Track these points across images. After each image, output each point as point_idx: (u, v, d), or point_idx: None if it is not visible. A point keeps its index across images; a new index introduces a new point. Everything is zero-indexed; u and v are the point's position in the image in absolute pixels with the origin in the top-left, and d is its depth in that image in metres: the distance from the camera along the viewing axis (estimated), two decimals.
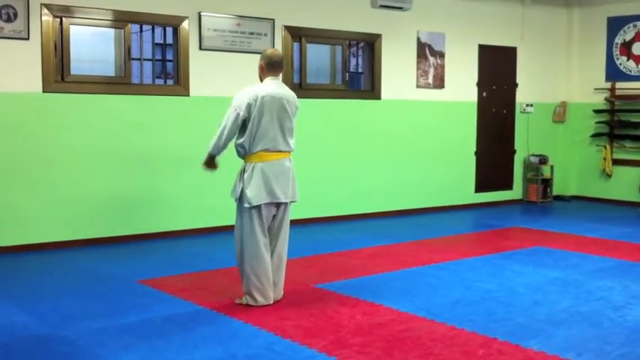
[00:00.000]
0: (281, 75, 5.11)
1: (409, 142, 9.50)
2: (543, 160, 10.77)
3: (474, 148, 10.30)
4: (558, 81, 11.20)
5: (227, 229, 7.86)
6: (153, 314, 4.80)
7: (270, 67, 5.00)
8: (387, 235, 7.91)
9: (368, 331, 4.43)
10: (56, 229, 7.01)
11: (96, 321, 4.63)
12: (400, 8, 9.11)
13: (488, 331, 4.41)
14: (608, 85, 10.70)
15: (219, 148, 4.98)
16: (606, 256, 6.80)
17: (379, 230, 8.27)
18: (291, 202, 5.09)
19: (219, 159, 5.13)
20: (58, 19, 6.94)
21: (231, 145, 5.02)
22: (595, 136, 10.85)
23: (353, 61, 9.61)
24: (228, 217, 7.98)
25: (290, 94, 5.03)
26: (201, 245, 7.28)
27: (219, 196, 7.81)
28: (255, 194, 4.83)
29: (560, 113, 11.20)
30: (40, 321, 4.67)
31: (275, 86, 4.96)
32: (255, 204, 4.84)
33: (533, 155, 10.80)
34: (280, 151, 4.93)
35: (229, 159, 5.24)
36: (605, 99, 10.73)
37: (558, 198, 11.10)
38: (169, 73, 8.54)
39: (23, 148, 6.81)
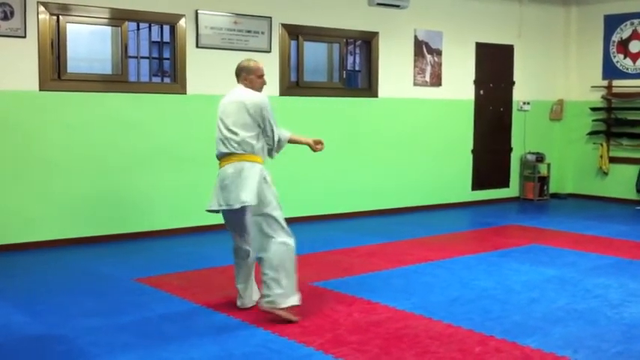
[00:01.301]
0: (242, 83, 4.89)
1: (406, 140, 9.51)
2: (540, 157, 10.78)
3: (470, 146, 10.30)
4: (555, 79, 11.21)
5: (223, 227, 7.86)
6: (150, 313, 4.80)
7: (235, 76, 4.99)
8: (383, 233, 7.91)
9: (365, 328, 4.44)
10: (52, 227, 7.00)
11: (92, 320, 4.63)
12: (397, 6, 9.10)
13: (485, 329, 4.42)
14: (605, 83, 10.71)
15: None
16: (603, 253, 6.81)
17: (376, 228, 8.27)
18: (231, 207, 4.74)
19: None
20: (55, 17, 6.93)
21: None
22: (592, 133, 10.86)
23: (350, 59, 9.60)
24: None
25: (247, 96, 4.76)
26: (198, 244, 7.28)
27: None
28: (208, 201, 4.91)
29: (557, 111, 11.21)
30: (37, 320, 4.67)
31: (233, 92, 4.86)
32: (206, 209, 4.94)
33: (530, 153, 10.81)
34: (226, 155, 4.76)
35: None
36: (602, 97, 10.74)
37: (555, 196, 11.11)
38: (166, 71, 8.53)
39: (19, 146, 6.80)
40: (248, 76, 4.86)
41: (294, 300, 4.64)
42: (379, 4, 8.95)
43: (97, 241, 7.19)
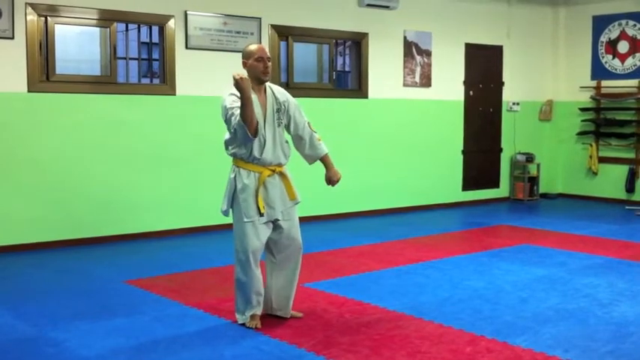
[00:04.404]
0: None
1: (396, 140, 9.52)
2: (530, 158, 10.82)
3: (460, 147, 10.32)
4: (544, 79, 11.25)
5: (213, 229, 7.86)
6: (140, 315, 4.78)
7: None
8: (374, 233, 7.92)
9: (356, 329, 4.43)
10: (42, 229, 6.96)
11: (83, 322, 4.61)
12: (387, 7, 9.11)
13: (476, 329, 4.43)
14: (594, 83, 10.75)
15: None
16: (593, 253, 6.84)
17: (366, 229, 8.27)
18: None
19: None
20: (43, 18, 6.89)
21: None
22: (581, 134, 10.90)
23: (340, 60, 9.61)
24: (215, 217, 7.95)
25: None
26: (188, 245, 7.26)
27: (206, 195, 7.81)
28: None
29: (546, 111, 11.25)
30: (27, 322, 4.64)
31: None
32: None
33: (519, 153, 10.85)
34: None
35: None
36: (591, 97, 10.78)
37: (545, 196, 11.15)
38: (155, 72, 8.50)
39: (8, 148, 6.76)
40: (247, 62, 4.45)
41: (239, 318, 4.56)
42: (369, 5, 8.95)
43: (87, 243, 7.16)
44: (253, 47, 4.52)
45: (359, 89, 9.22)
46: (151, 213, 7.60)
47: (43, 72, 6.93)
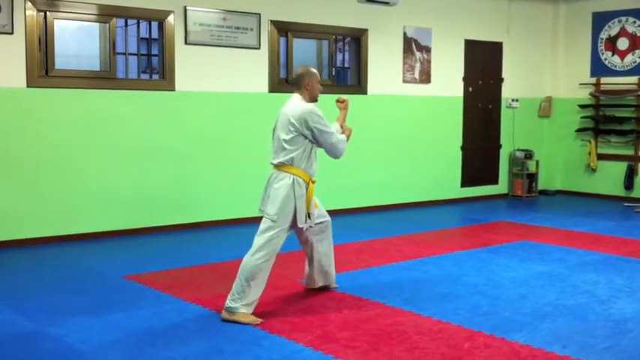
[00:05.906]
0: (299, 92, 4.99)
1: (395, 137, 9.51)
2: (529, 154, 10.82)
3: (460, 143, 10.32)
4: (544, 76, 11.25)
5: (212, 225, 7.87)
6: (138, 310, 4.79)
7: (294, 84, 5.04)
8: (373, 229, 7.92)
9: (354, 325, 4.44)
10: (41, 224, 6.96)
11: (81, 317, 4.61)
12: (387, 3, 9.10)
13: (474, 325, 4.43)
14: (593, 80, 10.75)
15: None
16: (591, 249, 6.84)
17: (365, 225, 8.28)
18: (263, 215, 4.80)
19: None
20: (43, 14, 6.88)
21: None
22: (580, 130, 10.90)
23: (339, 56, 9.60)
24: (213, 212, 7.98)
25: (294, 109, 4.82)
26: (187, 240, 7.26)
27: (204, 191, 7.81)
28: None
29: (545, 108, 11.25)
30: (26, 317, 4.64)
31: (290, 102, 4.92)
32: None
33: (518, 150, 10.85)
34: (272, 164, 4.86)
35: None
36: (590, 94, 10.78)
37: (543, 192, 11.16)
38: (155, 67, 8.50)
39: (7, 143, 6.76)
40: (311, 82, 4.92)
41: (239, 308, 4.56)
42: (368, 1, 8.94)
43: (85, 238, 7.16)
44: (313, 70, 5.00)
45: (358, 85, 9.21)
46: (149, 208, 7.59)
47: (42, 67, 6.92)
